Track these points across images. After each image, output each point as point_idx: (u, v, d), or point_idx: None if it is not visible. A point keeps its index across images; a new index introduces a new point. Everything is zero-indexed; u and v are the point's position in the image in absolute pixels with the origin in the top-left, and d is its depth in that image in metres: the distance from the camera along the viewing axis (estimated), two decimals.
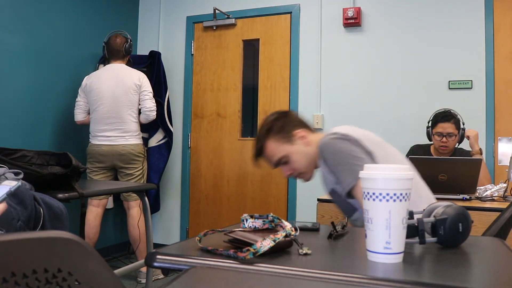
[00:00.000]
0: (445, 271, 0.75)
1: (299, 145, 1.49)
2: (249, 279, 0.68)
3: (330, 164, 1.36)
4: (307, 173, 1.54)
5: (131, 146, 3.18)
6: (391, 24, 3.41)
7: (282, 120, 1.52)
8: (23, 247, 0.40)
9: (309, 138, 1.51)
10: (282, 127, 1.50)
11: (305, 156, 1.50)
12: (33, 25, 3.19)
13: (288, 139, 1.49)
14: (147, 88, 3.23)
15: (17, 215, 1.39)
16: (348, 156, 1.32)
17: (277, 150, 1.50)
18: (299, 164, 1.50)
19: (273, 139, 1.50)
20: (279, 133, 1.50)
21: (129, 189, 2.73)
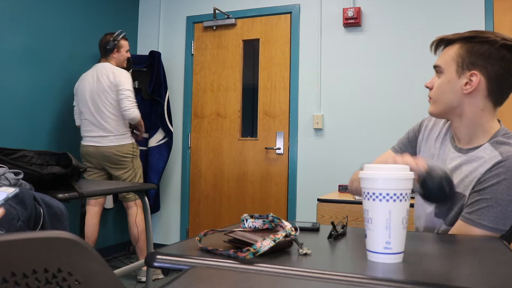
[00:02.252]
0: (445, 271, 0.75)
1: (459, 83, 1.16)
2: (249, 279, 0.68)
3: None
4: (436, 107, 1.23)
5: (116, 148, 3.14)
6: (391, 24, 3.41)
7: (492, 49, 1.13)
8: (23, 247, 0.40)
9: (476, 95, 1.16)
10: (479, 52, 1.14)
11: (450, 94, 1.18)
12: (33, 25, 3.19)
13: (462, 65, 1.16)
14: (123, 85, 3.10)
15: (17, 215, 1.39)
16: None
17: (447, 58, 1.20)
18: (440, 91, 1.20)
19: (460, 48, 1.18)
20: (468, 52, 1.15)
21: (129, 189, 2.73)
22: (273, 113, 3.77)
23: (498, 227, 1.07)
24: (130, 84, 3.16)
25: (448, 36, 1.22)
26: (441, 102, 1.21)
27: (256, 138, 3.82)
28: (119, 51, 3.30)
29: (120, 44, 3.30)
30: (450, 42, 1.21)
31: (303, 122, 3.63)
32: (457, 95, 1.17)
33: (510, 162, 1.08)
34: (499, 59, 1.13)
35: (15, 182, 1.53)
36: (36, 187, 1.66)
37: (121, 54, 3.32)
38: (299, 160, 3.63)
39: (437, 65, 1.22)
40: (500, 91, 1.17)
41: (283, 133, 3.71)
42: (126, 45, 3.36)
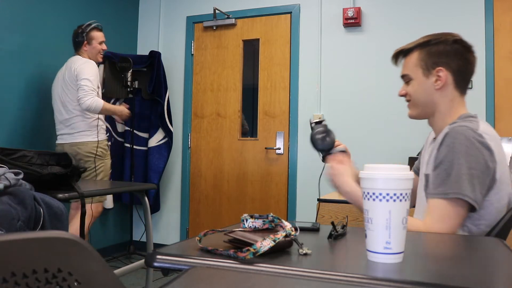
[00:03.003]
0: (445, 271, 0.75)
1: (429, 82, 1.29)
2: (249, 279, 0.68)
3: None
4: (415, 109, 1.35)
5: (79, 145, 2.95)
6: (391, 24, 3.41)
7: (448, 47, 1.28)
8: (23, 247, 0.40)
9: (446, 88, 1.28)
10: (438, 53, 1.28)
11: (425, 94, 1.30)
12: (33, 25, 3.19)
13: (426, 67, 1.29)
14: (82, 75, 2.88)
15: (17, 215, 1.39)
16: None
17: (411, 66, 1.32)
18: (415, 95, 1.32)
19: (419, 54, 1.31)
20: (428, 55, 1.29)
21: (129, 189, 2.73)
22: (273, 113, 3.77)
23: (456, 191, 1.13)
24: (90, 73, 2.92)
25: (405, 46, 1.35)
26: (419, 104, 1.33)
27: (256, 138, 3.82)
28: (90, 43, 3.09)
29: (90, 36, 3.09)
30: (408, 51, 1.34)
31: (303, 122, 3.63)
32: (430, 93, 1.30)
33: (454, 130, 1.19)
34: (456, 53, 1.28)
35: (15, 182, 1.53)
36: (36, 187, 1.66)
37: (92, 47, 3.11)
38: (299, 160, 3.63)
39: (405, 74, 1.35)
40: (464, 80, 1.31)
41: (283, 133, 3.71)
42: (99, 37, 3.14)
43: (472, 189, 1.13)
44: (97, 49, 3.13)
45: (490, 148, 1.16)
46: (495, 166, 1.16)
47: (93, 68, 2.97)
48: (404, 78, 1.36)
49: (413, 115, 1.38)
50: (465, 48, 1.29)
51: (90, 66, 2.95)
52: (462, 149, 1.15)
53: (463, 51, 1.28)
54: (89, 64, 2.96)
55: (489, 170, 1.15)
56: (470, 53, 1.30)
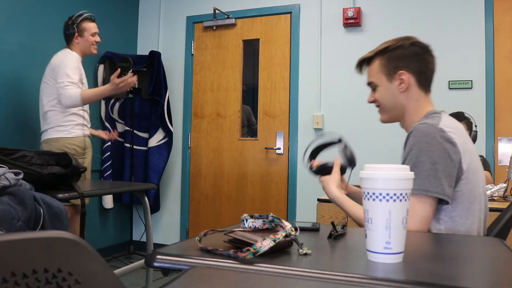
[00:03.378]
0: (445, 271, 0.75)
1: (393, 86, 1.34)
2: (249, 279, 0.68)
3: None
4: (385, 114, 1.42)
5: (50, 141, 2.74)
6: (391, 24, 3.41)
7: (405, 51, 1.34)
8: (23, 247, 0.40)
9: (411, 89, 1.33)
10: (397, 57, 1.34)
11: (392, 98, 1.36)
12: (33, 25, 3.19)
13: (388, 72, 1.35)
14: (62, 68, 2.68)
15: (17, 215, 1.39)
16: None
17: (374, 73, 1.39)
18: (383, 100, 1.39)
19: (380, 61, 1.37)
20: (388, 61, 1.35)
21: (129, 190, 2.73)
22: (273, 113, 3.77)
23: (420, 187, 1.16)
24: (68, 67, 2.71)
25: (366, 55, 1.42)
26: (388, 108, 1.40)
27: (256, 138, 3.82)
28: (81, 35, 2.86)
29: (82, 28, 2.86)
30: (370, 59, 1.40)
31: (303, 122, 3.63)
32: (396, 96, 1.35)
33: (415, 129, 1.23)
34: (414, 55, 1.33)
35: (15, 182, 1.53)
36: (36, 187, 1.66)
37: (85, 39, 2.87)
38: (299, 160, 3.63)
39: (370, 82, 1.41)
40: (427, 79, 1.35)
41: (283, 133, 3.71)
42: (91, 28, 2.90)
43: (438, 183, 1.16)
44: (90, 41, 2.89)
45: (451, 140, 1.19)
46: (459, 157, 1.19)
47: (70, 61, 2.75)
48: (370, 86, 1.42)
49: (384, 119, 1.45)
50: (423, 49, 1.35)
51: (68, 60, 2.74)
52: (423, 146, 1.19)
53: (421, 52, 1.34)
54: (67, 58, 2.74)
55: (453, 162, 1.18)
56: (428, 54, 1.35)
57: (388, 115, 1.41)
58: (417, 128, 1.23)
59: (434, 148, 1.18)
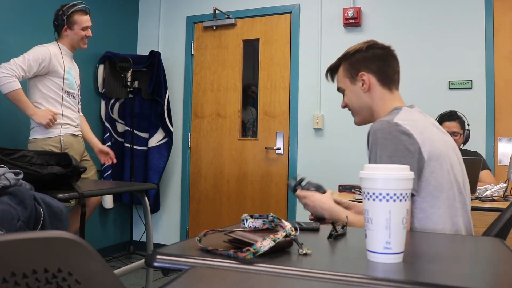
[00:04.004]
0: (445, 271, 0.75)
1: (357, 87, 1.41)
2: (249, 279, 0.68)
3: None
4: (357, 116, 1.48)
5: (30, 143, 2.66)
6: (391, 24, 3.41)
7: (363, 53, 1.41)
8: (23, 247, 0.40)
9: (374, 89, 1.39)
10: (357, 61, 1.41)
11: (358, 99, 1.43)
12: (33, 25, 3.19)
13: (351, 76, 1.42)
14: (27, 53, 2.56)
15: (17, 215, 1.39)
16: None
17: (340, 78, 1.47)
18: (351, 103, 1.46)
19: (343, 66, 1.45)
20: (350, 65, 1.43)
21: (129, 190, 2.73)
22: (273, 113, 3.77)
23: None
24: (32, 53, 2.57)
25: (332, 64, 1.50)
26: (358, 111, 1.45)
27: (256, 138, 3.82)
28: (71, 28, 2.69)
29: (72, 20, 2.68)
30: (336, 67, 1.48)
31: (303, 122, 3.63)
32: (361, 97, 1.41)
33: (371, 128, 1.26)
34: (372, 57, 1.39)
35: (15, 182, 1.53)
36: (36, 187, 1.66)
37: (74, 32, 2.71)
38: (299, 160, 3.63)
39: (338, 87, 1.49)
40: (389, 78, 1.40)
41: (283, 133, 3.71)
42: (84, 21, 2.72)
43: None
44: (80, 35, 2.72)
45: (406, 132, 1.21)
46: (418, 147, 1.20)
47: (39, 51, 2.60)
48: (340, 91, 1.50)
49: (357, 121, 1.50)
50: (381, 50, 1.40)
51: (37, 48, 2.61)
52: (379, 141, 1.22)
53: (380, 53, 1.40)
54: (38, 47, 2.62)
55: (411, 153, 1.19)
56: (387, 54, 1.40)
57: (359, 117, 1.47)
58: (373, 127, 1.26)
59: (390, 142, 1.20)
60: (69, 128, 2.74)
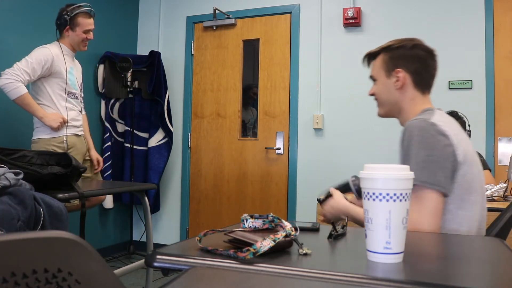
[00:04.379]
0: (445, 271, 0.75)
1: (390, 82, 1.40)
2: (249, 279, 0.68)
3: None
4: (381, 108, 1.47)
5: (34, 143, 2.68)
6: (391, 24, 3.41)
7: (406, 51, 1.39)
8: (23, 247, 0.40)
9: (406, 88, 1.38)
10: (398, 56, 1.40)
11: (387, 93, 1.42)
12: (33, 25, 3.19)
13: (387, 69, 1.41)
14: (28, 55, 2.57)
15: (17, 215, 1.39)
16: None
17: (376, 68, 1.45)
18: (379, 94, 1.45)
19: (382, 57, 1.43)
20: (389, 58, 1.41)
21: (129, 189, 2.73)
22: (273, 113, 3.77)
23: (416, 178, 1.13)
24: (34, 56, 2.57)
25: (372, 50, 1.48)
26: (384, 103, 1.45)
27: (256, 138, 3.82)
28: (73, 29, 2.69)
29: (76, 22, 2.68)
30: (375, 54, 1.46)
31: (303, 122, 3.63)
32: (392, 92, 1.41)
33: (408, 125, 1.26)
34: (414, 57, 1.38)
35: (15, 182, 1.53)
36: (36, 187, 1.66)
37: (76, 34, 2.70)
38: (299, 160, 3.63)
39: (371, 75, 1.48)
40: (424, 81, 1.39)
41: (283, 133, 3.71)
42: (86, 24, 2.71)
43: (433, 174, 1.17)
44: (81, 37, 2.72)
45: (444, 133, 1.21)
46: (453, 149, 1.20)
47: (41, 52, 2.60)
48: (371, 79, 1.49)
49: (380, 113, 1.49)
50: (425, 52, 1.40)
51: (39, 50, 2.61)
52: (417, 139, 1.22)
53: (422, 55, 1.39)
54: (37, 50, 2.61)
55: (447, 153, 1.19)
56: (429, 57, 1.40)
57: (383, 109, 1.47)
58: (410, 124, 1.26)
59: (427, 141, 1.20)
60: (72, 129, 2.75)
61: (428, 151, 1.19)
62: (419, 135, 1.22)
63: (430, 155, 1.18)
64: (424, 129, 1.22)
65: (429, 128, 1.22)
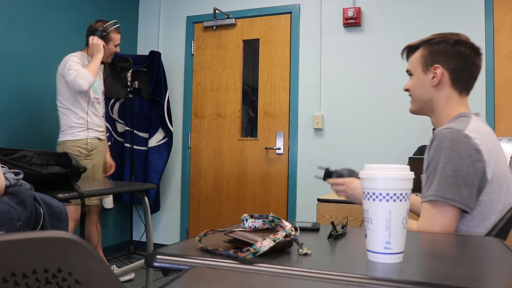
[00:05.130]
0: (445, 271, 0.75)
1: (427, 78, 1.32)
2: (249, 279, 0.68)
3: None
4: (414, 104, 1.39)
5: (59, 144, 2.86)
6: (391, 24, 3.41)
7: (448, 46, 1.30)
8: (23, 247, 0.40)
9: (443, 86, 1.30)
10: (438, 51, 1.31)
11: (422, 89, 1.34)
12: (33, 25, 3.19)
13: (425, 64, 1.33)
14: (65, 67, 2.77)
15: (17, 215, 1.39)
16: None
17: (414, 62, 1.37)
18: (413, 90, 1.37)
19: (422, 51, 1.35)
20: (428, 53, 1.33)
21: (129, 190, 2.73)
22: (273, 113, 3.77)
23: (438, 193, 1.14)
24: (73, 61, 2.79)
25: (413, 43, 1.40)
26: (417, 99, 1.37)
27: (256, 138, 3.82)
28: (106, 43, 2.94)
29: (109, 37, 2.95)
30: (415, 47, 1.39)
31: (303, 122, 3.63)
32: (427, 89, 1.33)
33: (440, 133, 1.20)
34: (455, 53, 1.30)
35: (15, 182, 1.53)
36: (36, 187, 1.66)
37: (108, 48, 2.96)
38: (299, 160, 3.63)
39: (408, 69, 1.40)
40: (463, 80, 1.31)
41: (283, 133, 3.71)
42: (117, 39, 3.01)
43: (457, 191, 1.13)
44: (111, 51, 3.01)
45: (476, 148, 1.15)
46: (483, 165, 1.15)
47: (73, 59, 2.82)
48: (408, 73, 1.40)
49: (412, 109, 1.41)
50: (468, 49, 1.30)
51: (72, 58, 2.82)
52: (446, 151, 1.16)
53: (466, 52, 1.29)
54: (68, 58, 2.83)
55: (476, 170, 1.14)
56: (474, 55, 1.30)
57: (416, 106, 1.38)
58: (442, 133, 1.19)
59: (457, 155, 1.14)
60: (94, 132, 2.95)
61: (455, 166, 1.13)
62: (448, 148, 1.15)
63: (457, 170, 1.13)
64: (455, 141, 1.15)
65: (461, 140, 1.15)
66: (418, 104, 1.37)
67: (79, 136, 2.85)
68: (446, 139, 1.17)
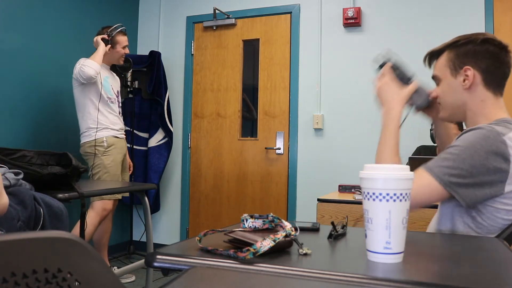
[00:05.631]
0: (445, 271, 0.75)
1: (457, 82, 1.25)
2: (249, 279, 0.68)
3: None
4: (444, 111, 1.31)
5: (80, 146, 3.04)
6: (391, 24, 3.41)
7: (476, 46, 1.24)
8: (23, 247, 0.40)
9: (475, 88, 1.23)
10: (466, 52, 1.24)
11: (453, 94, 1.26)
12: (33, 25, 3.19)
13: (454, 67, 1.26)
14: (76, 65, 2.91)
15: (17, 215, 1.39)
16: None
17: (440, 66, 1.30)
18: (443, 96, 1.30)
19: (448, 55, 1.28)
20: (456, 55, 1.26)
21: (129, 190, 2.73)
22: (273, 113, 3.77)
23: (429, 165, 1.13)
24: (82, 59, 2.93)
25: (436, 48, 1.34)
26: (448, 105, 1.29)
27: (256, 138, 3.82)
28: (113, 47, 3.09)
29: (115, 40, 3.09)
30: (439, 52, 1.33)
31: (303, 122, 3.63)
32: (459, 93, 1.25)
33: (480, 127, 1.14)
34: (485, 52, 1.23)
35: (15, 182, 1.53)
36: (36, 187, 1.66)
37: (115, 51, 3.11)
38: (299, 160, 3.63)
39: (434, 75, 1.33)
40: (495, 80, 1.24)
41: (283, 133, 3.71)
42: (123, 41, 3.13)
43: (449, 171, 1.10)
44: (120, 53, 3.14)
45: (507, 157, 1.08)
46: (505, 176, 1.08)
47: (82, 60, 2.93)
48: (434, 80, 1.34)
49: (443, 116, 1.33)
50: (497, 47, 1.24)
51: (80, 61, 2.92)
52: (474, 146, 1.10)
53: (494, 50, 1.23)
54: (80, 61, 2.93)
55: (490, 175, 1.09)
56: (503, 53, 1.24)
57: (446, 112, 1.31)
58: (482, 127, 1.13)
59: (481, 154, 1.09)
60: (110, 131, 3.07)
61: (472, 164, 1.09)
62: (476, 142, 1.10)
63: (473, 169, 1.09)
64: (488, 140, 1.09)
65: (495, 143, 1.09)
66: (449, 110, 1.29)
67: (95, 137, 2.99)
68: (480, 134, 1.11)
